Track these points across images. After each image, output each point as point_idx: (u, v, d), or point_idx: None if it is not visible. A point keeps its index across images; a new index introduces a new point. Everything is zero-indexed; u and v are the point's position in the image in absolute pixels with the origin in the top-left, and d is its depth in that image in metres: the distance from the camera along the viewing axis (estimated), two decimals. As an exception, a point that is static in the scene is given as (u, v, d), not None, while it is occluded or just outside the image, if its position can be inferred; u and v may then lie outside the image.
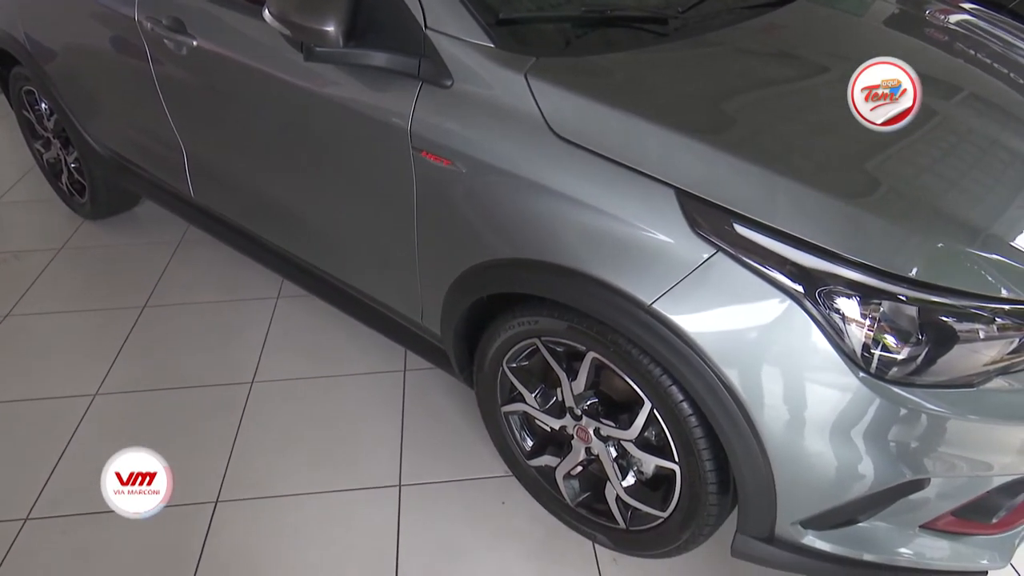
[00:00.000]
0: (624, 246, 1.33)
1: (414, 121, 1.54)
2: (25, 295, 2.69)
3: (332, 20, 1.47)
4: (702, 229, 1.26)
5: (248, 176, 2.14)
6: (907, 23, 2.07)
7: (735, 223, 1.25)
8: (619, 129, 1.34)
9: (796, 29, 1.80)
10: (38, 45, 2.64)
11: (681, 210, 1.28)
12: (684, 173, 1.28)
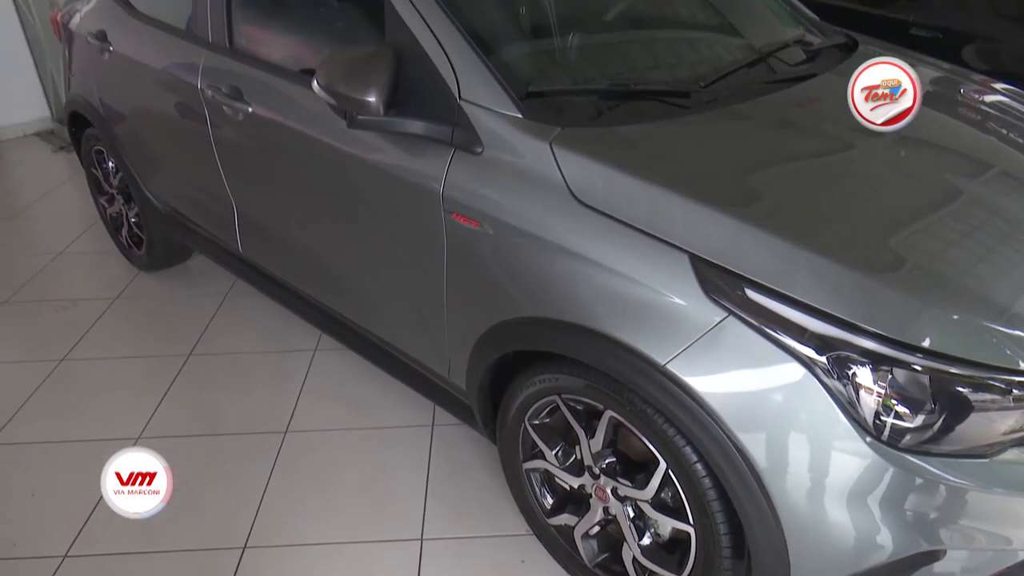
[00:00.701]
0: (640, 307, 1.38)
1: (446, 185, 1.64)
2: (80, 341, 2.85)
3: (374, 91, 1.59)
4: (714, 293, 1.31)
5: (292, 232, 2.27)
6: (940, 101, 2.09)
7: (746, 288, 1.29)
8: (636, 196, 1.42)
9: (820, 103, 1.86)
10: (110, 109, 2.87)
11: (695, 274, 1.33)
12: (697, 239, 1.34)
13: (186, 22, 2.44)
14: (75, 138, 3.28)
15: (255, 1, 2.31)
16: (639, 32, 2.11)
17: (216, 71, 2.23)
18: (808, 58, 2.04)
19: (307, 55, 2.11)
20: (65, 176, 4.43)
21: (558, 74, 1.84)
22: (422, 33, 1.65)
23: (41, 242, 3.66)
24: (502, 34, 1.85)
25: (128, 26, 2.66)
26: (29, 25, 4.83)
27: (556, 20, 1.95)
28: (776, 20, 2.28)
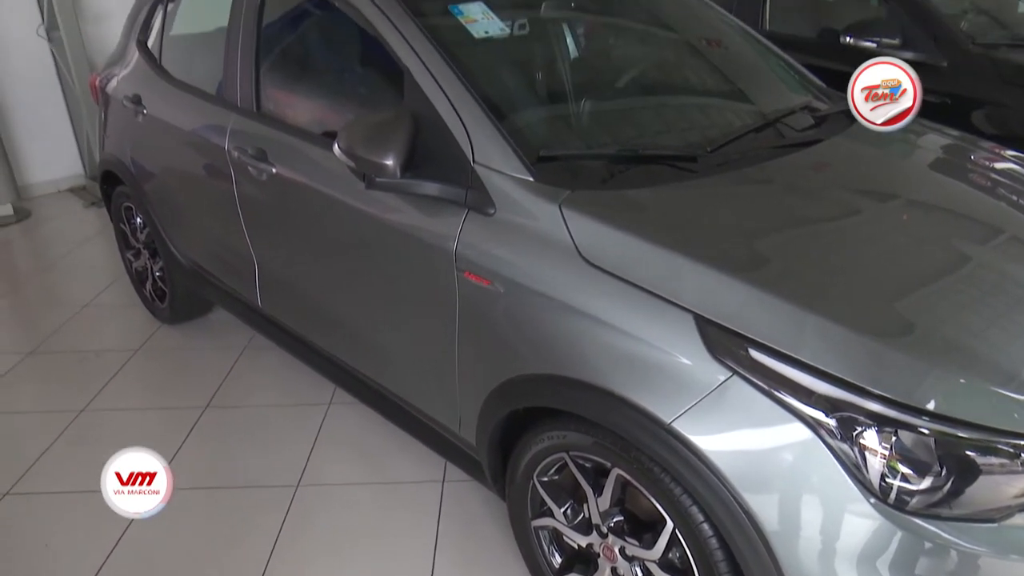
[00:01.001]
0: (646, 366, 1.40)
1: (459, 244, 1.70)
2: (101, 392, 2.90)
3: (392, 155, 1.67)
4: (719, 353, 1.34)
5: (310, 288, 2.33)
6: (949, 167, 2.13)
7: (750, 348, 1.32)
8: (642, 257, 1.46)
9: (827, 167, 1.91)
10: (141, 168, 3.00)
11: (699, 334, 1.36)
12: (702, 299, 1.37)
13: (216, 87, 2.56)
14: (106, 195, 3.41)
15: (282, 68, 2.44)
16: (648, 98, 2.19)
17: (243, 133, 2.33)
18: (814, 124, 2.10)
19: (329, 119, 2.21)
20: (95, 231, 4.58)
21: (569, 139, 1.91)
22: (439, 100, 1.74)
23: (69, 294, 3.76)
24: (515, 100, 1.94)
25: (162, 90, 2.80)
26: (68, 88, 5.06)
27: (567, 87, 2.04)
28: (783, 87, 2.36)
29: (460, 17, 1.91)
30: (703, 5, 2.57)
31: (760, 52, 2.48)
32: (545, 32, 2.32)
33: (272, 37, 2.40)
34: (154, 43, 2.96)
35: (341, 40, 2.37)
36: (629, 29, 2.51)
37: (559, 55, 2.30)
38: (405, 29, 1.84)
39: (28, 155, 5.11)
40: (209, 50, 2.65)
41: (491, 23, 1.93)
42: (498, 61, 2.01)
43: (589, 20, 2.55)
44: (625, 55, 2.42)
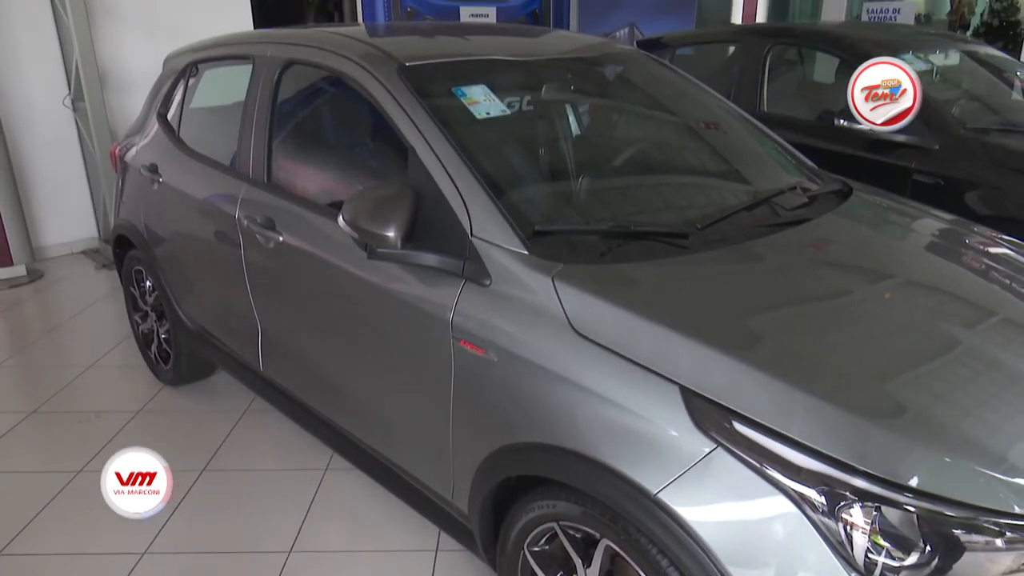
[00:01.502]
0: (633, 436, 1.44)
1: (456, 314, 1.76)
2: (99, 453, 2.92)
3: (393, 227, 1.75)
4: (703, 424, 1.37)
5: (310, 353, 2.39)
6: (942, 250, 2.18)
7: (734, 421, 1.35)
8: (629, 329, 1.51)
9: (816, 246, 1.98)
10: (153, 233, 3.10)
11: (685, 405, 1.40)
12: (686, 371, 1.42)
13: (230, 158, 2.69)
14: (118, 258, 3.51)
15: (293, 141, 2.56)
16: (641, 177, 2.28)
17: (253, 202, 2.44)
18: (805, 203, 2.18)
19: (335, 191, 2.31)
20: (104, 293, 4.67)
21: (563, 215, 2.00)
22: (440, 176, 1.83)
23: (75, 354, 3.82)
24: (513, 177, 2.03)
25: (178, 160, 2.93)
26: (89, 155, 5.26)
27: (564, 165, 2.14)
28: (774, 167, 2.46)
29: (463, 98, 2.03)
30: (695, 87, 2.70)
31: (752, 134, 2.59)
32: (544, 112, 2.45)
33: (285, 112, 2.53)
34: (173, 115, 3.10)
35: (350, 117, 2.50)
36: (624, 110, 2.64)
37: (557, 134, 2.42)
38: (411, 110, 1.95)
39: (45, 218, 5.26)
40: (225, 122, 2.79)
41: (492, 104, 2.04)
42: (498, 139, 2.11)
43: (587, 102, 2.68)
44: (620, 135, 2.54)
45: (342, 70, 2.19)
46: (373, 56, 2.15)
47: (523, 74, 2.40)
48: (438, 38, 2.70)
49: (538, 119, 2.41)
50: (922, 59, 3.96)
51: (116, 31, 5.22)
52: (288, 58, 2.45)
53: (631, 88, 2.63)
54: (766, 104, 4.21)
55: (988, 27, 9.85)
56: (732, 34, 5.17)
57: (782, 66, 4.65)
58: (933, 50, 4.26)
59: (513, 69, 2.36)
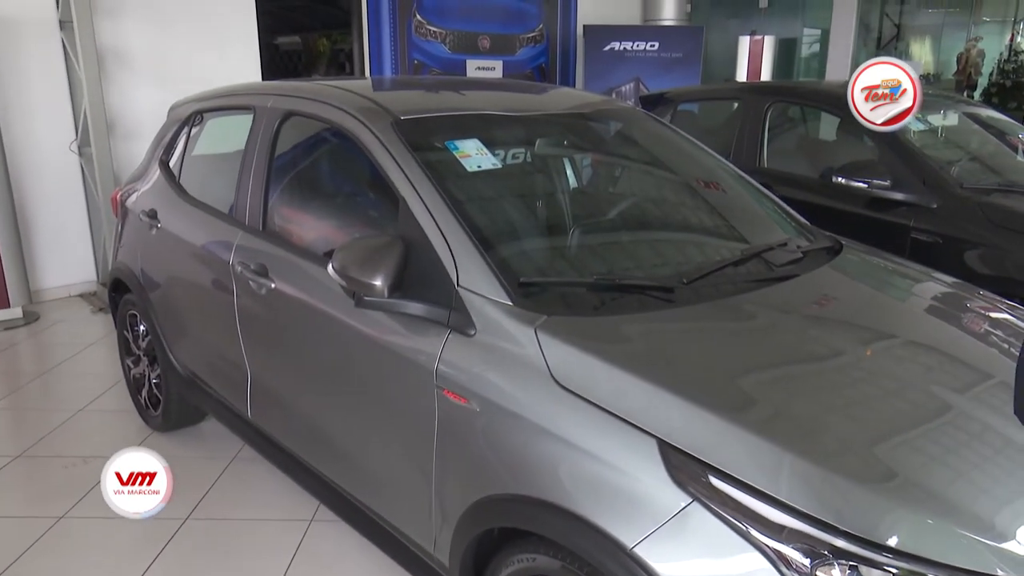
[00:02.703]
0: (611, 489, 1.46)
1: (440, 363, 1.80)
2: (83, 499, 2.94)
3: (381, 276, 1.81)
4: (679, 478, 1.40)
5: (297, 400, 2.42)
6: (941, 313, 2.21)
7: (710, 475, 1.38)
8: (609, 381, 1.55)
9: (802, 303, 2.02)
10: (149, 278, 3.18)
11: (661, 458, 1.43)
12: (664, 425, 1.45)
13: (228, 205, 2.77)
14: (113, 302, 3.58)
15: (289, 190, 2.65)
16: (628, 231, 2.35)
17: (247, 249, 2.51)
18: (794, 259, 2.23)
19: (327, 239, 2.38)
20: (99, 336, 4.73)
21: (549, 267, 2.06)
22: (429, 227, 1.90)
23: (65, 398, 3.86)
24: (501, 229, 2.10)
25: (176, 206, 3.02)
26: (92, 198, 5.40)
27: (552, 218, 2.20)
28: (765, 223, 2.52)
29: (455, 152, 2.11)
30: (688, 144, 2.78)
31: (745, 190, 2.66)
32: (535, 167, 2.54)
33: (282, 162, 2.62)
34: (175, 162, 3.21)
35: (345, 168, 2.59)
36: (615, 166, 2.73)
37: (547, 189, 2.50)
38: (403, 162, 2.03)
39: (45, 260, 5.37)
40: (225, 171, 2.89)
41: (484, 158, 2.13)
42: (488, 192, 2.19)
43: (579, 157, 2.77)
44: (609, 191, 2.62)
45: (339, 122, 2.29)
46: (369, 110, 2.25)
47: (516, 129, 2.50)
48: (437, 92, 2.81)
49: (529, 173, 2.49)
50: (921, 120, 4.07)
51: (125, 79, 5.41)
52: (288, 109, 2.55)
53: (624, 144, 2.72)
54: (766, 160, 4.32)
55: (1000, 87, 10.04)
56: (733, 91, 5.33)
57: (783, 123, 4.77)
58: (935, 111, 4.38)
59: (506, 124, 2.45)
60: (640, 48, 7.78)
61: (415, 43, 7.07)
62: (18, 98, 5.09)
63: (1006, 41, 10.83)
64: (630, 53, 7.80)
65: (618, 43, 7.77)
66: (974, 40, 10.74)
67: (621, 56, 7.80)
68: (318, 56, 12.40)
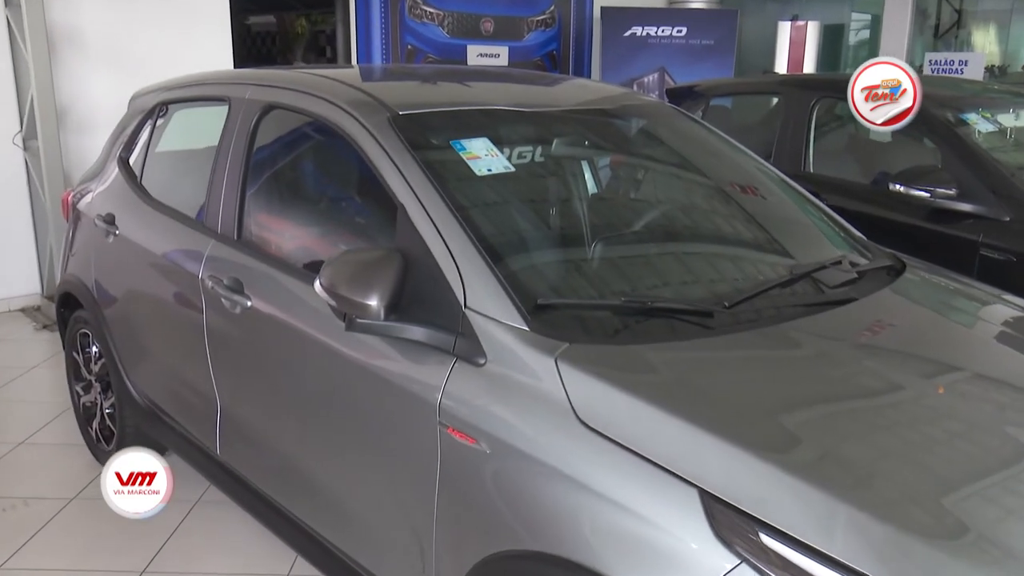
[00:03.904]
0: (644, 547, 1.45)
1: (444, 396, 1.79)
2: (23, 547, 2.91)
3: (376, 295, 1.79)
4: (725, 536, 1.38)
5: (276, 436, 2.41)
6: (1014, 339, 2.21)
7: (761, 532, 1.36)
8: (644, 422, 1.53)
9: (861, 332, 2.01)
10: (104, 292, 3.17)
11: (704, 512, 1.41)
12: (708, 474, 1.43)
13: (197, 212, 2.77)
14: (62, 319, 3.57)
15: (269, 195, 2.65)
16: (661, 246, 2.34)
17: (219, 261, 2.50)
18: (850, 280, 2.22)
19: (314, 251, 2.38)
20: (43, 357, 4.72)
21: (570, 287, 2.05)
22: (432, 239, 1.89)
23: (3, 429, 3.84)
24: (515, 243, 2.09)
25: (138, 211, 3.02)
26: (38, 201, 5.41)
27: (573, 230, 2.19)
28: (816, 238, 2.51)
29: (462, 153, 2.11)
30: (726, 144, 2.78)
31: (792, 199, 2.65)
32: (553, 171, 2.53)
33: (262, 161, 2.62)
34: (136, 160, 3.21)
35: (334, 169, 2.59)
36: (644, 170, 2.72)
37: (567, 196, 2.49)
38: (402, 163, 2.03)
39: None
40: (194, 169, 2.89)
41: (495, 160, 2.12)
42: (500, 200, 2.19)
43: (603, 159, 2.77)
44: (638, 198, 2.61)
45: (328, 117, 2.29)
46: (363, 103, 2.25)
47: (531, 127, 2.50)
48: (438, 84, 2.81)
49: (546, 178, 2.49)
50: (990, 119, 4.08)
51: (78, 63, 5.43)
52: (268, 102, 2.55)
53: (653, 145, 2.72)
54: (812, 164, 4.31)
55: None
56: (774, 85, 5.34)
57: (830, 122, 4.78)
58: (1004, 109, 4.38)
59: (520, 121, 2.45)
60: (666, 34, 7.81)
61: (409, 26, 7.11)
62: (-46, 84, 5.11)
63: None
64: (654, 39, 7.84)
65: (640, 28, 7.80)
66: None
67: (644, 43, 7.84)
68: (295, 39, 12.45)
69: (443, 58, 7.27)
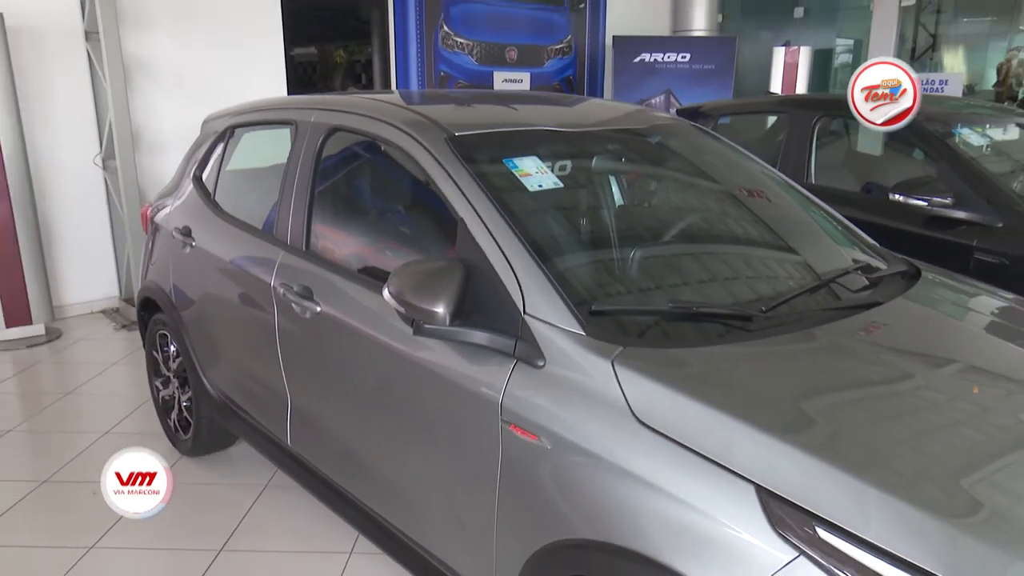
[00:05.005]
0: (703, 539, 1.37)
1: (506, 396, 1.72)
2: (112, 528, 2.87)
3: (442, 303, 1.73)
4: (783, 530, 1.31)
5: (343, 429, 2.35)
6: (1004, 329, 2.15)
7: (818, 527, 1.29)
8: (700, 421, 1.46)
9: (889, 333, 1.92)
10: (182, 297, 3.13)
11: (762, 508, 1.33)
12: (764, 471, 1.36)
13: (263, 223, 2.72)
14: (142, 322, 3.53)
15: (335, 209, 2.59)
16: (702, 253, 2.26)
17: (290, 269, 2.45)
18: (872, 285, 2.14)
19: (379, 262, 2.32)
20: (123, 354, 4.70)
21: (622, 293, 1.97)
22: (492, 251, 1.82)
23: (90, 420, 3.81)
24: (568, 253, 2.02)
25: (212, 224, 2.97)
26: (116, 212, 5.39)
27: (620, 240, 2.12)
28: (838, 245, 2.42)
29: (515, 171, 2.04)
30: (748, 159, 2.70)
31: (812, 210, 2.57)
32: (597, 186, 2.46)
33: (327, 179, 2.56)
34: (209, 177, 3.17)
35: (394, 186, 2.53)
36: (679, 183, 2.64)
37: (611, 209, 2.42)
38: (461, 181, 1.97)
39: (67, 275, 5.36)
40: (262, 186, 2.84)
41: (544, 177, 2.05)
42: (551, 213, 2.12)
43: (641, 174, 2.70)
44: (676, 209, 2.53)
45: (389, 138, 2.23)
46: (421, 124, 2.19)
47: (573, 145, 2.43)
48: (485, 107, 2.75)
49: (591, 192, 2.42)
50: (980, 133, 3.97)
51: (151, 92, 5.42)
52: (332, 124, 2.49)
53: (683, 160, 2.64)
54: (814, 176, 4.22)
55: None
56: (778, 104, 5.24)
57: (830, 137, 4.68)
58: (991, 124, 4.27)
59: (563, 140, 2.38)
60: (671, 59, 7.72)
61: (441, 55, 7.05)
62: (42, 110, 5.10)
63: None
64: (660, 65, 7.75)
65: (648, 54, 7.71)
66: (1015, 50, 10.60)
67: (651, 68, 7.74)
68: (334, 68, 12.45)
69: (472, 83, 7.21)
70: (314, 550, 2.74)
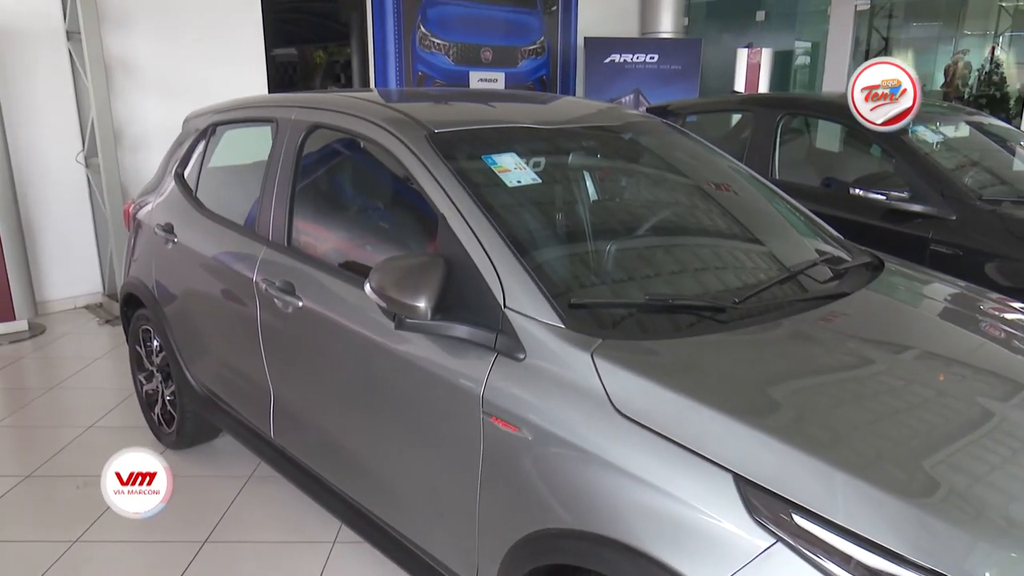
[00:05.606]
0: (683, 527, 1.34)
1: (487, 388, 1.67)
2: (96, 521, 2.78)
3: (423, 297, 1.67)
4: (760, 517, 1.28)
5: (326, 422, 2.28)
6: (961, 318, 2.14)
7: (794, 514, 1.26)
8: (677, 411, 1.43)
9: (855, 323, 1.90)
10: (164, 292, 3.03)
11: (739, 496, 1.30)
12: (742, 459, 1.33)
13: (245, 219, 2.64)
14: (125, 317, 3.42)
15: (317, 205, 2.51)
16: (679, 247, 2.23)
17: (273, 265, 2.37)
18: (838, 276, 2.12)
19: (360, 257, 2.25)
20: (106, 349, 4.57)
21: (600, 287, 1.93)
22: (472, 246, 1.77)
23: (73, 414, 3.70)
24: (547, 247, 1.97)
25: (194, 220, 2.88)
26: (99, 212, 5.24)
27: (597, 234, 2.08)
28: (806, 239, 2.40)
29: (493, 167, 1.98)
30: (720, 157, 2.67)
31: (781, 205, 2.55)
32: (574, 181, 2.41)
33: (308, 176, 2.49)
34: (191, 174, 3.07)
35: (375, 183, 2.46)
36: (653, 178, 2.61)
37: (589, 204, 2.37)
38: (441, 177, 1.91)
39: (50, 271, 5.20)
40: (244, 183, 2.75)
41: (523, 173, 2.00)
42: (530, 208, 2.06)
43: (616, 170, 2.65)
44: (652, 204, 2.50)
45: (370, 136, 2.16)
46: (401, 122, 2.12)
47: (550, 142, 2.38)
48: (463, 104, 2.68)
49: (569, 188, 2.37)
50: (934, 131, 3.99)
51: (132, 91, 5.26)
52: (313, 122, 2.42)
53: (657, 156, 2.60)
54: (778, 172, 4.22)
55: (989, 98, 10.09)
56: (743, 103, 5.23)
57: (790, 134, 4.68)
58: (942, 121, 4.30)
59: (540, 136, 2.33)
60: (640, 60, 7.69)
61: (419, 55, 6.95)
62: (25, 109, 4.93)
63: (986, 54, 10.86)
64: (630, 65, 7.72)
65: (618, 55, 7.68)
66: (961, 53, 10.75)
67: (621, 68, 7.72)
68: (314, 68, 12.28)
69: (449, 83, 7.12)
70: (298, 540, 2.68)
